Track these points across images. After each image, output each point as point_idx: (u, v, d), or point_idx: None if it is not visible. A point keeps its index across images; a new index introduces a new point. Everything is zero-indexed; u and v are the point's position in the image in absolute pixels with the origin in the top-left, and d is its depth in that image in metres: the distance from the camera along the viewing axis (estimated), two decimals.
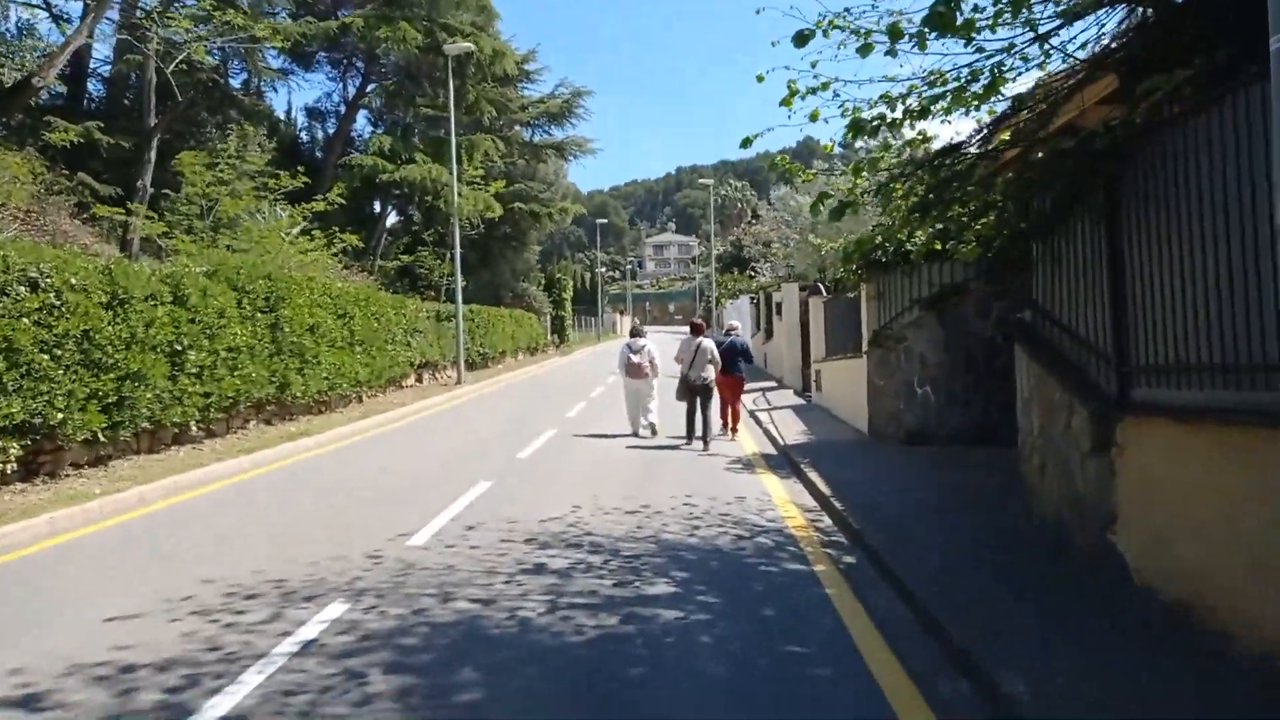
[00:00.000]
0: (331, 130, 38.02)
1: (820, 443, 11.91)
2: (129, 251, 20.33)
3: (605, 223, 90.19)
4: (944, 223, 6.52)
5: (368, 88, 36.79)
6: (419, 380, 22.38)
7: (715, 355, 12.47)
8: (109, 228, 21.37)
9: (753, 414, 15.66)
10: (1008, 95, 5.45)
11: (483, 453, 11.80)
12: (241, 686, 3.98)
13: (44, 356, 8.12)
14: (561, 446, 12.39)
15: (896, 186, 5.90)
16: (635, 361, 13.27)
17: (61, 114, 22.07)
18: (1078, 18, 5.14)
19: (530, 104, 40.30)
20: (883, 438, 11.62)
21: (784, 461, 10.92)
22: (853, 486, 8.40)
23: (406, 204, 37.70)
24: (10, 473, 8.08)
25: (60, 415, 8.30)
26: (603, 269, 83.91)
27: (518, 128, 40.67)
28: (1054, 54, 5.15)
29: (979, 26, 4.86)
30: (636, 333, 14.02)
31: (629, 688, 4.03)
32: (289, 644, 4.51)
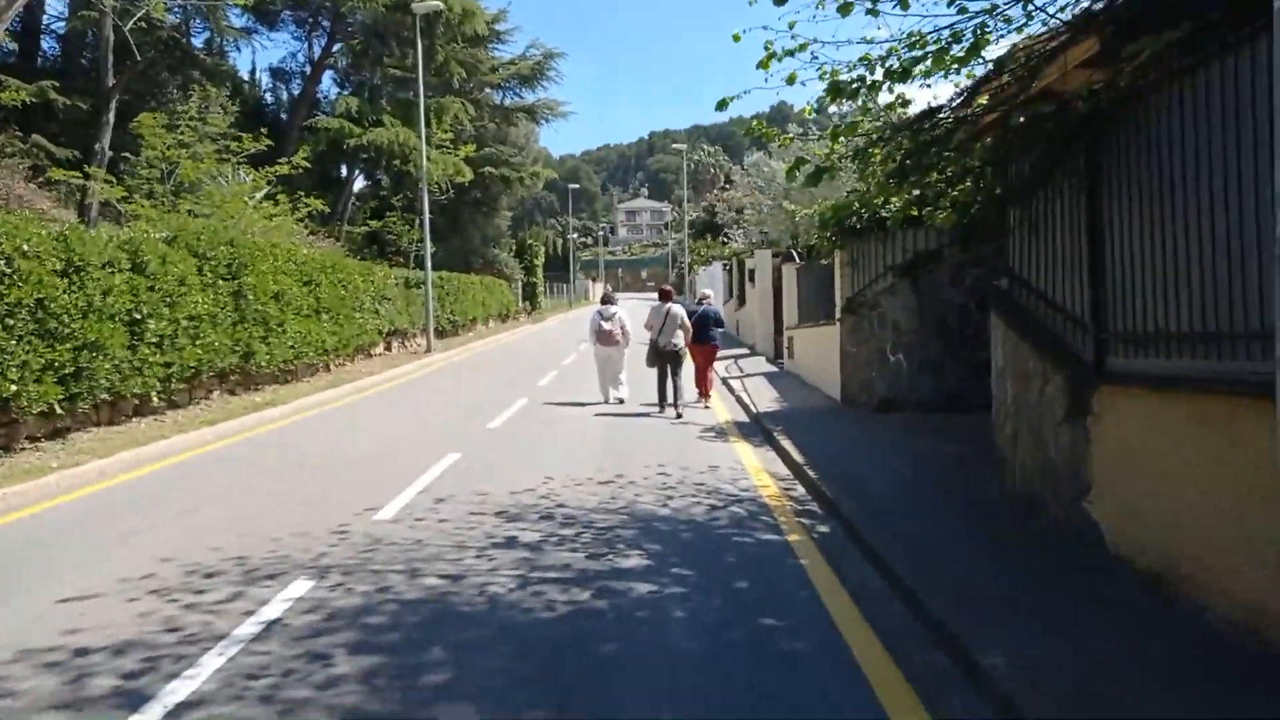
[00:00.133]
0: (297, 92, 37.24)
1: (793, 410, 11.89)
2: (87, 217, 19.78)
3: (577, 188, 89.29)
4: (921, 189, 6.43)
5: (334, 47, 35.92)
6: (388, 349, 22.08)
7: (685, 321, 12.44)
8: (66, 192, 20.77)
9: (725, 381, 15.62)
10: (989, 59, 5.33)
11: (453, 423, 11.64)
12: (201, 670, 3.84)
13: None
14: (533, 416, 12.26)
15: (875, 151, 5.79)
16: (606, 329, 13.14)
17: (13, 73, 21.33)
18: None
19: (501, 65, 39.59)
20: (855, 405, 11.62)
21: (757, 429, 10.88)
22: (826, 455, 8.37)
23: (374, 168, 37.06)
24: None
25: (14, 387, 8.01)
26: (575, 235, 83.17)
27: (488, 90, 40.01)
28: (1036, 15, 5.03)
29: None
30: (608, 299, 13.86)
31: (602, 664, 3.96)
32: (251, 624, 4.37)
